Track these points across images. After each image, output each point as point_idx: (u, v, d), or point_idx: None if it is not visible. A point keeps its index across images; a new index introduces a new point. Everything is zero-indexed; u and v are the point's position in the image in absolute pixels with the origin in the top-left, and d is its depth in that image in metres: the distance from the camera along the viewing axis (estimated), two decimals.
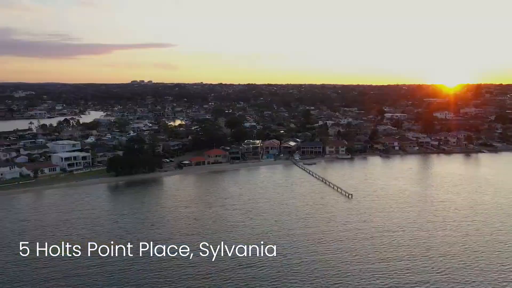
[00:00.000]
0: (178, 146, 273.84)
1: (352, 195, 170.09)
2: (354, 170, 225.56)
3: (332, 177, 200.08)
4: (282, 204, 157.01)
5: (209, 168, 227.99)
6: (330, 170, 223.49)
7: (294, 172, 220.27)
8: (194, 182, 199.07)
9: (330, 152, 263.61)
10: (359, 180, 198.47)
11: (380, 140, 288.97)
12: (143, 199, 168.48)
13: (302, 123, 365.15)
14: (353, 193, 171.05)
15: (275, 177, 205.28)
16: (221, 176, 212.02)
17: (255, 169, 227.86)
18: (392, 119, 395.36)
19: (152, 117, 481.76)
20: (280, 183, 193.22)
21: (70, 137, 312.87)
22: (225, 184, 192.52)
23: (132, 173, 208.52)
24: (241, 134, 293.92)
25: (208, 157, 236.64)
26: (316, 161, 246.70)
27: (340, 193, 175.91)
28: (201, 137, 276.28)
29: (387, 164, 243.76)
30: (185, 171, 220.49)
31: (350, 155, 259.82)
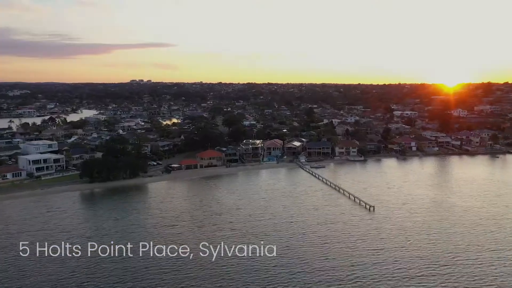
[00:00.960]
0: (169, 147, 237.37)
1: (374, 207, 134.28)
2: (370, 174, 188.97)
3: (347, 184, 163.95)
4: (291, 223, 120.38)
5: (202, 172, 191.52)
6: (342, 174, 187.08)
7: (300, 177, 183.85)
8: (183, 191, 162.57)
9: (340, 153, 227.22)
10: (379, 187, 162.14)
11: (395, 139, 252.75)
12: (119, 213, 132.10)
13: (306, 121, 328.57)
14: (375, 205, 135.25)
15: (279, 185, 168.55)
16: (215, 182, 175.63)
17: (255, 174, 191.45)
18: (402, 117, 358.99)
19: (146, 115, 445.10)
20: (285, 192, 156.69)
21: (52, 137, 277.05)
22: (220, 194, 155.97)
23: (110, 179, 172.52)
24: (240, 133, 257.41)
25: (200, 159, 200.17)
26: (324, 164, 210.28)
27: (358, 204, 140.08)
28: (195, 137, 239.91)
29: (406, 167, 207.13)
30: (174, 176, 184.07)
31: (363, 156, 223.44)
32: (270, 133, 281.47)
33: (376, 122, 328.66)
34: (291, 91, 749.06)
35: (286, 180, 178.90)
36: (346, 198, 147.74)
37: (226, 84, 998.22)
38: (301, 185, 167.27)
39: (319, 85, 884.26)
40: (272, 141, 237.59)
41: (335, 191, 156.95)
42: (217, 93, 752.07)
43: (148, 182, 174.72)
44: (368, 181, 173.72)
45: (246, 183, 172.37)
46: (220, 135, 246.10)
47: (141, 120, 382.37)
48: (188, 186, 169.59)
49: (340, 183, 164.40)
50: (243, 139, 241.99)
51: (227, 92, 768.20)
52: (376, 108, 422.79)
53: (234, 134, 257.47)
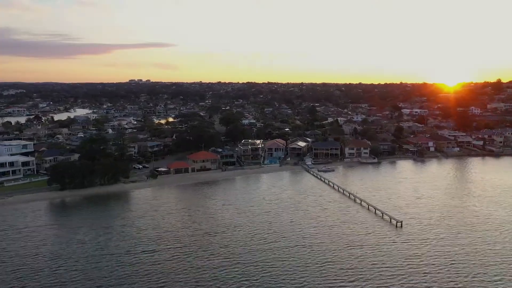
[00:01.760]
0: (159, 147, 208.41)
1: (401, 223, 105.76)
2: (388, 180, 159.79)
3: (364, 192, 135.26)
4: (303, 247, 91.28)
5: (194, 177, 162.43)
6: (356, 179, 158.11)
7: (308, 183, 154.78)
8: (169, 201, 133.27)
9: (350, 154, 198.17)
10: (404, 197, 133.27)
11: (409, 139, 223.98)
12: (86, 233, 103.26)
13: (309, 120, 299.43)
14: (403, 220, 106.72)
15: (284, 193, 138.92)
16: (208, 190, 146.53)
17: (255, 179, 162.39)
18: (412, 115, 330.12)
19: (141, 114, 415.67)
20: (292, 203, 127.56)
21: (33, 136, 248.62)
22: (214, 206, 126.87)
23: (85, 186, 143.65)
24: (238, 132, 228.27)
25: (192, 162, 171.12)
26: (333, 167, 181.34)
27: (381, 217, 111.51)
28: (187, 136, 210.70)
29: (428, 170, 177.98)
30: (161, 182, 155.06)
31: (376, 158, 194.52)
32: (271, 133, 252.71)
33: (384, 121, 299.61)
34: (292, 90, 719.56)
35: (292, 187, 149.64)
36: (365, 210, 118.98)
37: (226, 83, 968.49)
38: (310, 193, 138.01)
39: (320, 85, 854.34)
40: (274, 141, 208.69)
41: (351, 201, 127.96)
42: (216, 92, 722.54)
43: (130, 190, 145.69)
44: (389, 188, 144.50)
45: (245, 191, 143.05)
46: (216, 135, 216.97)
47: (134, 119, 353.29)
48: (176, 195, 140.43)
49: (355, 191, 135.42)
50: (242, 139, 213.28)
51: (226, 92, 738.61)
52: (382, 106, 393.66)
53: (232, 134, 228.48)
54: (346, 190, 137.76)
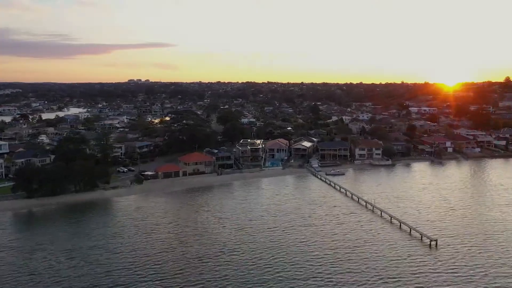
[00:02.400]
0: (148, 148, 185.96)
1: (436, 242, 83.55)
2: (408, 185, 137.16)
3: (384, 202, 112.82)
4: (321, 281, 68.69)
5: (185, 182, 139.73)
6: (371, 185, 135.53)
7: (316, 189, 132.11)
8: (153, 213, 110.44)
9: (361, 155, 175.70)
10: (432, 206, 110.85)
11: (424, 139, 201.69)
12: (44, 258, 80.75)
13: (313, 118, 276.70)
14: (437, 239, 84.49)
15: (290, 203, 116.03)
16: (201, 198, 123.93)
17: (255, 184, 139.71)
18: (421, 113, 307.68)
19: (136, 113, 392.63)
20: (301, 215, 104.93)
21: (15, 136, 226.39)
22: (207, 220, 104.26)
23: (57, 193, 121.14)
24: (236, 131, 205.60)
25: (184, 165, 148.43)
26: (343, 170, 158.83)
27: (408, 234, 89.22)
28: (180, 136, 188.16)
29: (450, 174, 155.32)
30: (146, 189, 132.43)
31: (390, 160, 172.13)
32: (272, 132, 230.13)
33: (391, 119, 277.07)
34: (292, 90, 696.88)
35: (299, 194, 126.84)
36: (388, 224, 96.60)
37: (225, 83, 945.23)
38: (320, 203, 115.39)
39: (320, 84, 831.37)
40: (276, 141, 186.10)
41: (370, 213, 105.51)
42: (215, 92, 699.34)
43: (109, 198, 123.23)
44: (412, 196, 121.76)
45: (245, 201, 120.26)
46: (212, 134, 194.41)
47: (127, 118, 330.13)
48: (162, 205, 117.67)
49: (373, 199, 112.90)
50: (240, 139, 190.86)
51: (226, 91, 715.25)
52: (387, 105, 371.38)
53: (230, 133, 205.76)
54: (362, 198, 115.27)
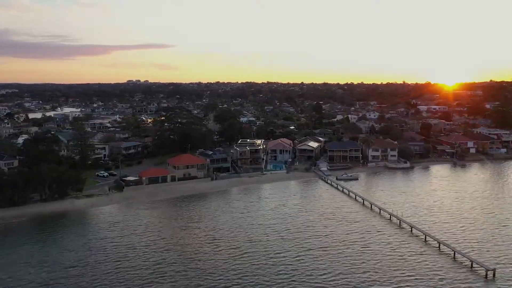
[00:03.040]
0: (136, 149, 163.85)
1: (494, 272, 61.54)
2: (439, 194, 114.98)
3: (415, 216, 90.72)
4: None
5: (173, 189, 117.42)
6: (393, 193, 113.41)
7: (328, 199, 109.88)
8: (130, 231, 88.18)
9: (374, 157, 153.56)
10: (476, 223, 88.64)
11: (442, 139, 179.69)
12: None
13: (317, 117, 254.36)
14: (495, 268, 62.40)
15: (299, 219, 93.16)
16: (192, 209, 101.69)
17: (255, 192, 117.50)
18: (431, 111, 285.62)
19: (130, 112, 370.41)
20: (315, 234, 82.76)
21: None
22: (197, 240, 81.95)
23: (16, 203, 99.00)
24: (234, 130, 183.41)
25: (173, 168, 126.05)
26: (356, 174, 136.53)
27: (452, 259, 67.16)
28: (172, 135, 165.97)
29: (482, 180, 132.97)
30: (127, 197, 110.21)
31: (408, 162, 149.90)
32: (273, 131, 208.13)
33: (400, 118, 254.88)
34: (292, 89, 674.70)
35: (308, 205, 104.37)
36: (426, 246, 74.40)
37: (224, 83, 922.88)
38: (336, 216, 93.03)
39: (321, 84, 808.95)
40: (279, 141, 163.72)
41: (398, 230, 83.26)
42: (214, 92, 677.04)
43: (81, 208, 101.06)
44: (449, 209, 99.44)
45: (243, 214, 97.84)
46: (208, 134, 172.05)
47: (120, 117, 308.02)
48: (143, 219, 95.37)
49: (400, 212, 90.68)
50: (239, 139, 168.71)
51: (225, 91, 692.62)
52: (393, 103, 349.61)
53: (227, 133, 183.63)
54: (385, 210, 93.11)
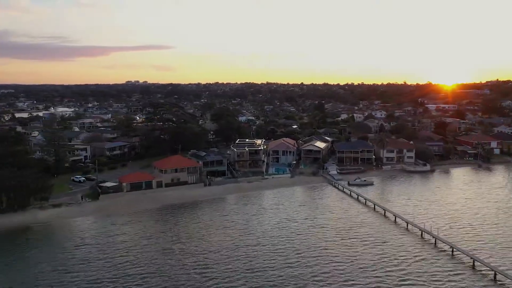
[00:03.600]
0: (122, 150, 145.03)
1: None
2: (475, 203, 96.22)
3: (454, 233, 71.91)
4: None
5: (159, 197, 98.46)
6: (420, 202, 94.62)
7: (343, 210, 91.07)
8: (98, 255, 69.22)
9: (389, 159, 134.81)
10: None
11: (461, 138, 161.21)
12: None
13: (321, 116, 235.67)
14: None
15: (312, 240, 74.32)
16: (177, 224, 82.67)
17: (255, 202, 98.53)
18: (441, 110, 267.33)
19: (125, 112, 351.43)
20: (333, 261, 63.71)
21: None
22: (179, 272, 62.94)
23: None
24: (231, 129, 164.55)
25: (159, 172, 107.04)
26: (371, 178, 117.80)
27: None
28: (162, 135, 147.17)
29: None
30: (103, 207, 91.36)
31: (428, 164, 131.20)
32: (275, 131, 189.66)
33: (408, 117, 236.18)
34: (292, 89, 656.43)
35: (321, 219, 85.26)
36: (480, 276, 55.58)
37: (223, 84, 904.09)
38: (358, 235, 74.11)
39: (321, 85, 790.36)
40: (281, 141, 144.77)
41: (438, 252, 64.52)
42: (213, 92, 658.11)
43: (45, 221, 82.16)
44: (495, 224, 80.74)
45: (241, 230, 78.91)
46: (202, 133, 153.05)
47: (112, 116, 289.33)
48: (117, 237, 76.48)
49: (436, 227, 71.92)
50: (237, 139, 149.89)
51: (224, 91, 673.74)
52: (398, 102, 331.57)
53: (224, 132, 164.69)
54: (416, 225, 74.36)
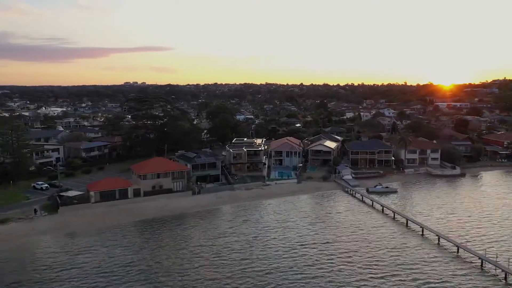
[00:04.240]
0: (102, 151, 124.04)
1: None
2: None
3: None
4: None
5: (136, 209, 77.44)
6: (468, 216, 73.69)
7: (368, 229, 70.00)
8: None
9: (410, 161, 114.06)
10: None
11: (487, 136, 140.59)
12: None
13: (326, 114, 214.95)
14: None
15: (337, 279, 53.59)
16: (155, 253, 61.36)
17: (255, 216, 77.35)
18: (454, 108, 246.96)
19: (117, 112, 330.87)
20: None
21: None
22: None
23: None
24: (228, 127, 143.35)
25: (138, 178, 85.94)
26: (394, 185, 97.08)
27: None
28: (147, 133, 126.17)
29: None
30: (62, 223, 70.29)
31: (458, 167, 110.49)
32: (276, 130, 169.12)
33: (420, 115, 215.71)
34: (292, 90, 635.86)
35: (344, 243, 64.36)
36: None
37: (222, 84, 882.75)
38: (402, 272, 53.18)
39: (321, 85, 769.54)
40: (285, 141, 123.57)
41: None
42: (212, 92, 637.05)
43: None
44: None
45: (238, 264, 57.78)
46: (193, 131, 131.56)
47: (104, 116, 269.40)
48: (71, 275, 55.28)
49: (501, 255, 51.01)
50: (234, 138, 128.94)
51: (223, 92, 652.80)
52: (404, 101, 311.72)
53: (219, 130, 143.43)
54: (473, 252, 53.49)
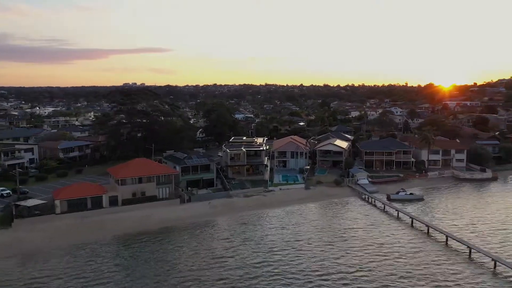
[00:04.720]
0: (83, 151, 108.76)
1: None
2: None
3: None
4: None
5: (111, 222, 61.94)
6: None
7: (401, 247, 54.44)
8: None
9: (432, 163, 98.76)
10: None
11: None
12: None
13: (331, 112, 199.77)
14: None
15: None
16: (128, 285, 45.74)
17: (256, 233, 61.75)
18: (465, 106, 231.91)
19: None
20: None
21: None
22: None
23: None
24: (225, 125, 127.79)
25: (115, 183, 70.37)
26: (418, 191, 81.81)
27: None
28: (134, 132, 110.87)
29: None
30: (15, 240, 54.54)
31: (489, 170, 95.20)
32: (278, 129, 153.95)
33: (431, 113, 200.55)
34: (292, 90, 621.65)
35: (374, 272, 48.93)
36: None
37: (221, 85, 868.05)
38: None
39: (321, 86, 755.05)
40: (289, 140, 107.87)
41: None
42: (211, 93, 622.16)
43: None
44: None
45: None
46: (184, 129, 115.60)
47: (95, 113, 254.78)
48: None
49: None
50: (231, 137, 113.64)
51: (222, 92, 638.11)
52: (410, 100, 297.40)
53: (215, 129, 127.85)
54: None
